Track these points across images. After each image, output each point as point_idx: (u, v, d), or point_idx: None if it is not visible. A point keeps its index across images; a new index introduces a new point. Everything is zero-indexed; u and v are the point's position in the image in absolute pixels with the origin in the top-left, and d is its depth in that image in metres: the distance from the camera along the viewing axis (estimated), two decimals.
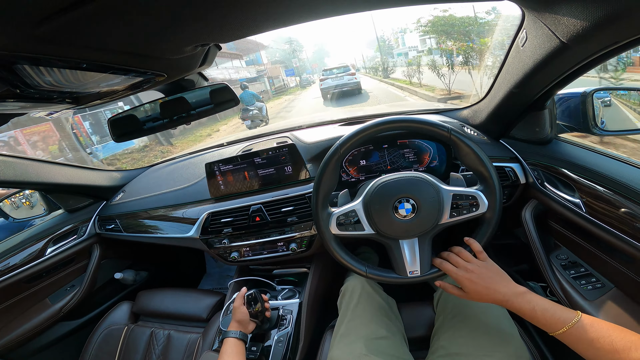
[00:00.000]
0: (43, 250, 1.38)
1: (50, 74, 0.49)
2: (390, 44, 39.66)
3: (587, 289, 0.87)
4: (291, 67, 38.88)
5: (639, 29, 0.53)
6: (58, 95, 0.62)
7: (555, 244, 1.04)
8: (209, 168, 1.26)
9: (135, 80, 0.67)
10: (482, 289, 0.73)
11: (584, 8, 0.53)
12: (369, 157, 1.24)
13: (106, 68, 0.55)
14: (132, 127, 0.96)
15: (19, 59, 0.42)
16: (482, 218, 0.84)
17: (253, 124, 8.96)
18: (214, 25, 0.52)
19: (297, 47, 47.96)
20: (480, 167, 0.81)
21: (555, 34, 0.63)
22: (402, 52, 34.25)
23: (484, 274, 0.75)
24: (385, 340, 0.87)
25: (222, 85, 0.93)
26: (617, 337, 0.55)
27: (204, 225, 1.25)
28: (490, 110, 1.10)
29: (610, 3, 0.50)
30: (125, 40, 0.48)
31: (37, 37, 0.39)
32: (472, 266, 0.77)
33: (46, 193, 1.48)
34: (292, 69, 38.37)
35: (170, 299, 1.39)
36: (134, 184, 1.64)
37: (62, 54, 0.45)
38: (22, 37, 0.38)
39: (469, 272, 0.76)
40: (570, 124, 1.01)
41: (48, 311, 1.39)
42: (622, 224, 0.73)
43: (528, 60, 0.78)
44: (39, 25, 0.36)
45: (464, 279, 0.76)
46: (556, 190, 0.95)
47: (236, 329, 0.92)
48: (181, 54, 0.61)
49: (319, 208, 0.88)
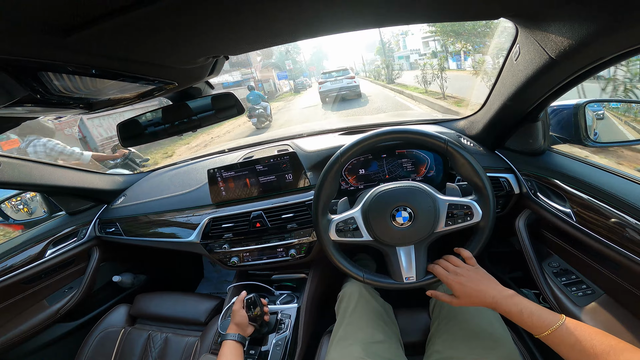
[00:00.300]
0: (43, 252, 1.39)
1: (71, 81, 0.51)
2: (390, 47, 36.96)
3: (577, 295, 0.89)
4: (284, 70, 35.75)
5: (622, 46, 0.57)
6: (74, 101, 0.64)
7: (548, 252, 1.07)
8: (211, 174, 1.28)
9: (147, 88, 0.70)
10: (471, 292, 0.76)
11: (570, 26, 0.57)
12: (368, 166, 1.27)
13: (123, 76, 0.57)
14: (136, 132, 0.98)
15: (46, 66, 0.44)
16: (476, 227, 0.87)
17: (259, 122, 9.92)
18: (229, 38, 0.55)
19: (294, 49, 44.75)
20: (475, 178, 0.85)
21: (545, 50, 0.66)
22: (403, 55, 32.86)
23: (473, 277, 0.79)
24: (382, 344, 0.88)
25: (226, 93, 0.95)
26: (598, 341, 0.56)
27: (204, 230, 1.27)
28: (485, 122, 1.14)
29: (593, 22, 0.53)
30: (148, 51, 0.51)
31: (65, 46, 0.41)
32: (462, 270, 0.81)
33: (48, 195, 1.50)
34: (285, 72, 35.25)
35: (168, 302, 1.40)
36: (135, 188, 1.65)
37: (88, 62, 0.48)
38: (51, 45, 0.40)
39: (458, 275, 0.80)
40: (563, 135, 1.03)
41: (45, 312, 1.39)
42: (610, 233, 0.76)
43: (521, 74, 0.81)
44: (68, 34, 0.38)
45: (454, 282, 0.79)
46: (548, 200, 0.98)
47: (235, 331, 0.93)
48: (194, 65, 0.64)
49: (319, 215, 0.91)
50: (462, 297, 0.78)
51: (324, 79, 12.99)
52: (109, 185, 1.61)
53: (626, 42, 0.55)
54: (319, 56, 79.25)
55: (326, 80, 12.77)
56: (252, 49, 0.63)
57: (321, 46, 79.64)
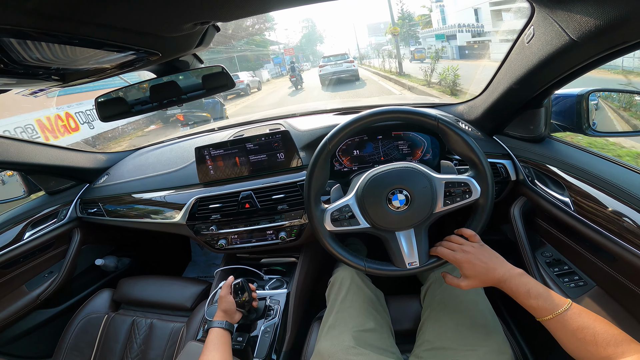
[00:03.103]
0: (21, 234, 1.32)
1: (38, 49, 0.46)
2: (411, 24, 25.18)
3: (569, 286, 0.88)
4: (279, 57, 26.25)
5: None
6: (44, 71, 0.58)
7: (541, 242, 1.06)
8: (199, 152, 1.22)
9: (127, 58, 0.63)
10: (481, 269, 0.73)
11: (598, 7, 0.53)
12: (363, 147, 1.23)
13: (97, 44, 0.51)
14: (121, 109, 0.93)
15: (6, 32, 0.39)
16: (476, 204, 0.84)
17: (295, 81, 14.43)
18: (215, 1, 0.49)
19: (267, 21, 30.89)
20: (470, 154, 0.81)
21: (566, 31, 0.63)
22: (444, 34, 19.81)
23: (481, 253, 0.76)
24: (373, 332, 0.87)
25: (217, 69, 0.90)
26: (601, 330, 0.55)
27: (191, 210, 1.22)
28: (486, 106, 1.10)
29: (624, 4, 0.50)
30: (120, 15, 0.45)
31: (27, 11, 0.36)
32: (468, 247, 0.77)
33: (27, 174, 1.42)
34: (279, 57, 26.18)
35: (153, 286, 1.36)
36: (119, 166, 1.58)
37: (53, 28, 0.42)
38: (11, 7, 0.35)
39: (466, 253, 0.76)
40: (564, 123, 1.02)
41: (25, 298, 1.33)
42: (609, 223, 0.75)
43: (533, 56, 0.78)
44: None
45: (462, 260, 0.76)
46: (546, 187, 0.96)
47: (222, 318, 0.90)
48: (178, 32, 0.58)
49: (312, 205, 0.87)
50: (472, 277, 0.75)
51: (324, 63, 14.39)
52: (90, 163, 1.54)
53: None
54: (310, 38, 67.55)
55: (326, 64, 14.13)
56: (245, 15, 0.56)
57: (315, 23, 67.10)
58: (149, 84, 0.91)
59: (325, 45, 73.43)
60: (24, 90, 0.83)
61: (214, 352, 0.80)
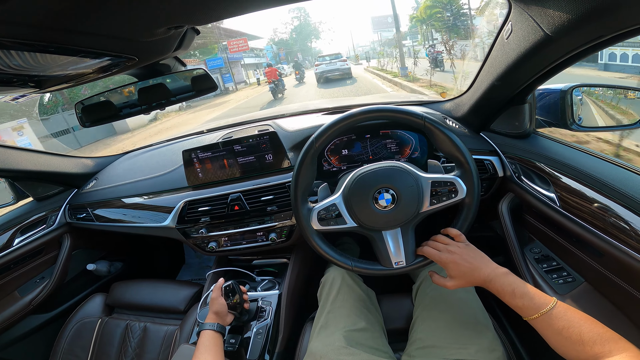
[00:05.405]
0: (10, 241, 1.31)
1: (8, 57, 0.45)
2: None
3: (558, 282, 0.88)
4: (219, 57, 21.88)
5: (624, 24, 0.53)
6: (18, 79, 0.57)
7: (529, 238, 1.06)
8: (187, 155, 1.21)
9: (103, 63, 0.62)
10: (466, 269, 0.73)
11: (569, 1, 0.53)
12: (352, 147, 1.23)
13: (72, 51, 0.50)
14: (108, 113, 0.92)
15: None
16: (462, 204, 0.84)
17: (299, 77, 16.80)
18: (187, 5, 0.48)
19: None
20: (456, 153, 0.82)
21: (541, 27, 0.63)
22: None
23: (467, 253, 0.76)
24: (365, 332, 0.87)
25: (201, 72, 0.90)
26: (587, 328, 0.55)
27: (180, 213, 1.22)
28: (472, 103, 1.10)
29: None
30: (94, 21, 0.44)
31: None
32: (454, 247, 0.78)
33: (14, 180, 1.40)
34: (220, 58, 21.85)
35: (146, 290, 1.36)
36: (107, 171, 1.57)
37: (25, 37, 0.41)
38: None
39: (451, 253, 0.77)
40: (549, 119, 1.02)
41: (17, 304, 1.32)
42: (594, 219, 0.75)
43: (512, 53, 0.78)
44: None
45: (447, 260, 0.76)
46: (532, 184, 0.96)
47: (213, 321, 0.90)
48: (153, 37, 0.57)
49: (299, 204, 0.87)
50: (457, 277, 0.75)
51: (319, 62, 15.79)
52: (78, 168, 1.52)
53: (629, 21, 0.52)
54: (302, 35, 55.12)
55: (321, 63, 15.51)
56: (220, 18, 0.56)
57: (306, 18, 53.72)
58: (135, 87, 0.91)
59: (322, 41, 65.81)
60: (4, 97, 0.81)
61: (205, 355, 0.80)
